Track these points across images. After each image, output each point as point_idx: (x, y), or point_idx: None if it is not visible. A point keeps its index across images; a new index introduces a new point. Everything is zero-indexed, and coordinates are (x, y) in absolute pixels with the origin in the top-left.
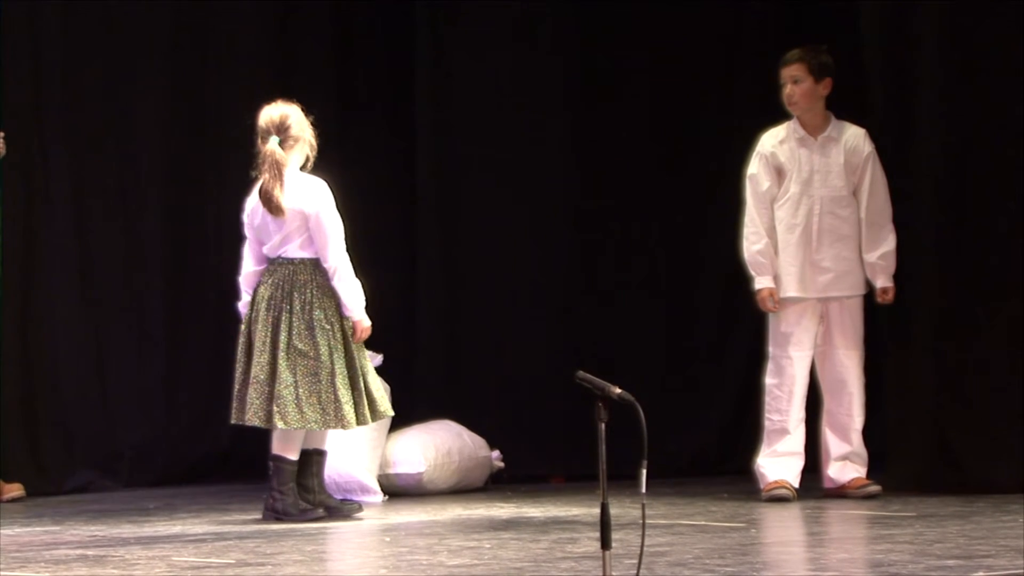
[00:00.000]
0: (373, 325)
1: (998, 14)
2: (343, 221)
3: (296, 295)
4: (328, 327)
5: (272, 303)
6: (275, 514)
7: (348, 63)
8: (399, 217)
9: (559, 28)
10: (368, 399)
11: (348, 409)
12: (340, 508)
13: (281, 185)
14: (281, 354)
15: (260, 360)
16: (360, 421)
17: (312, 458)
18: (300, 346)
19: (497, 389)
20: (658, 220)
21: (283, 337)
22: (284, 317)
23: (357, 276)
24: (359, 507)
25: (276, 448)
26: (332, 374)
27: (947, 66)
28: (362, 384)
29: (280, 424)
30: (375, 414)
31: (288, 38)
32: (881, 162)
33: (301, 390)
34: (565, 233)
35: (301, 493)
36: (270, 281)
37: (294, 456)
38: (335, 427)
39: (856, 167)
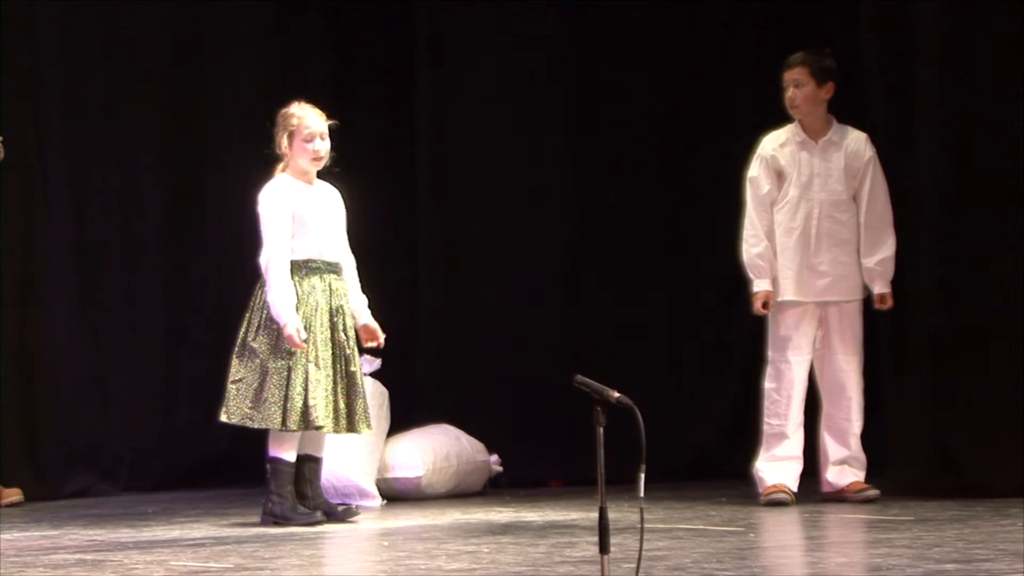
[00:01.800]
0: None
1: (998, 16)
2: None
3: (259, 294)
4: (275, 327)
5: (249, 303)
6: (273, 518)
7: (348, 64)
8: (399, 219)
9: (559, 26)
10: (303, 406)
11: (275, 410)
12: (337, 513)
13: None
14: (237, 350)
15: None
16: (286, 425)
17: (305, 465)
18: (252, 344)
19: (496, 393)
20: (657, 223)
21: (242, 334)
22: (247, 316)
23: (361, 279)
24: (356, 511)
25: (271, 449)
26: (267, 373)
27: (946, 68)
28: (298, 390)
29: (223, 417)
30: (306, 423)
31: (288, 38)
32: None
33: (244, 385)
34: (565, 236)
35: (298, 501)
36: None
37: (290, 457)
38: (264, 425)
39: (857, 171)
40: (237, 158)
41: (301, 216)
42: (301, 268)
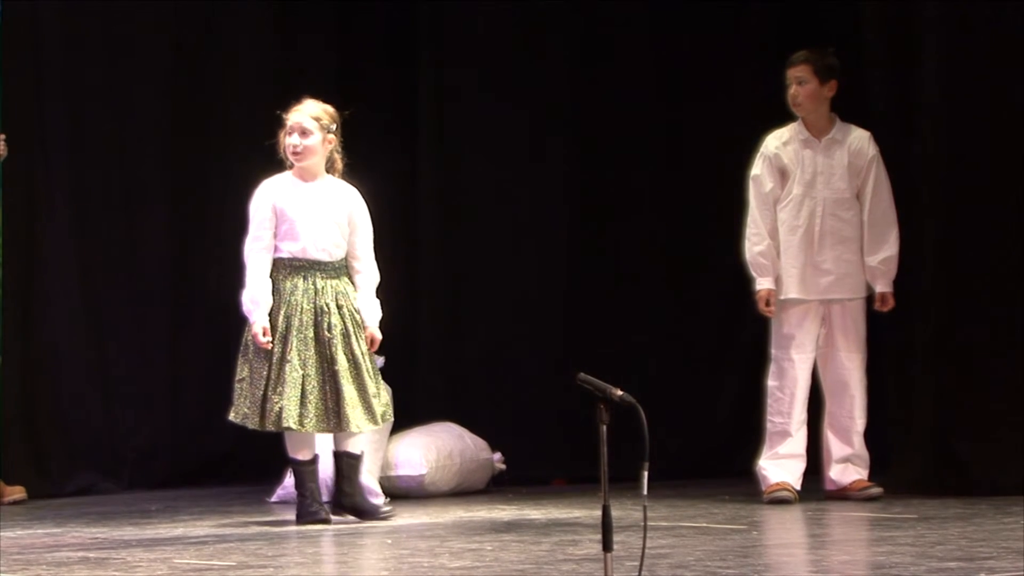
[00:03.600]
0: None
1: (999, 14)
2: None
3: None
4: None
5: None
6: (299, 519)
7: (350, 63)
8: (400, 218)
9: (561, 24)
10: (280, 407)
11: (254, 410)
12: (374, 511)
13: None
14: (242, 349)
15: None
16: (264, 426)
17: (342, 460)
18: (250, 343)
19: (499, 391)
20: (660, 221)
21: (245, 334)
22: None
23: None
24: (392, 511)
25: (287, 451)
26: (255, 373)
27: (947, 67)
28: (277, 390)
29: (230, 415)
30: (279, 424)
31: (290, 37)
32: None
33: (245, 384)
34: (566, 234)
35: (336, 497)
36: None
37: (303, 457)
38: (252, 425)
39: (860, 169)
40: (239, 156)
41: (284, 213)
42: (285, 267)
